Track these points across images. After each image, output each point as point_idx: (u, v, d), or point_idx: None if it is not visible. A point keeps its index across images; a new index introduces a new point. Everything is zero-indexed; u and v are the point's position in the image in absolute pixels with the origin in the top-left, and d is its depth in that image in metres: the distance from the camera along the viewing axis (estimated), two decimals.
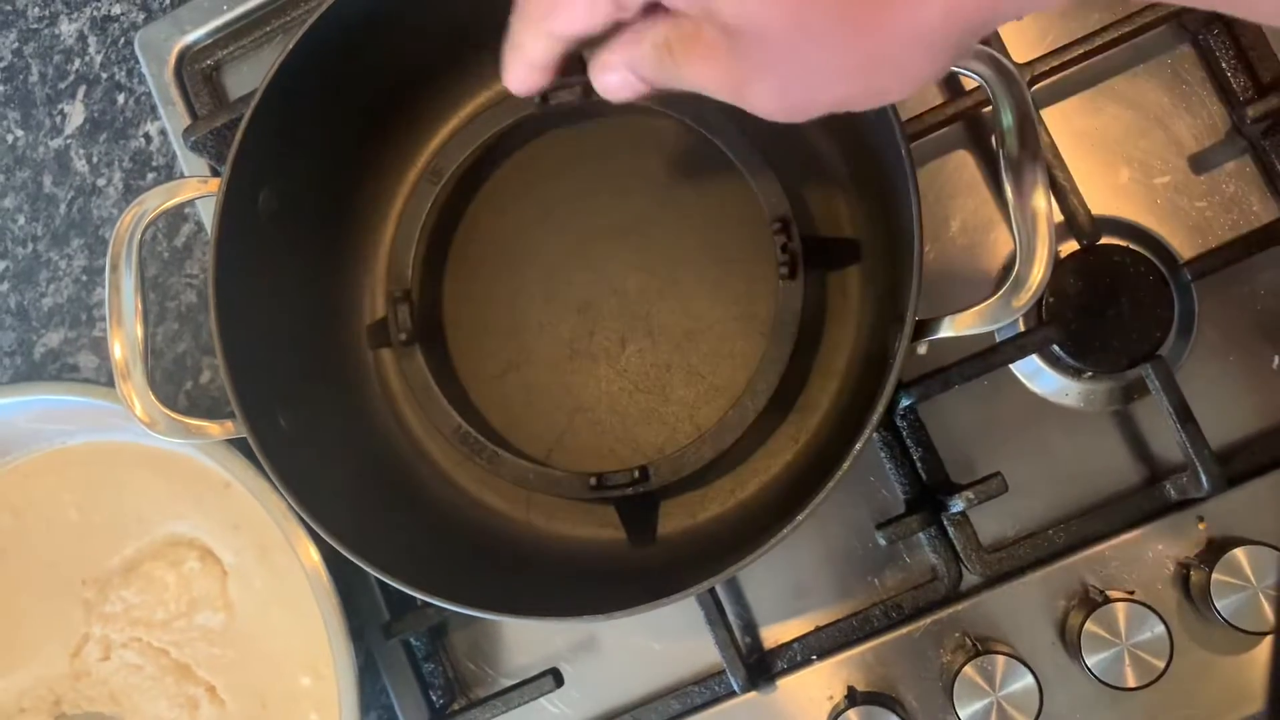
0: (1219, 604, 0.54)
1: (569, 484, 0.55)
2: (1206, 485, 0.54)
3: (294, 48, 0.51)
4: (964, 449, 0.60)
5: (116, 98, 0.70)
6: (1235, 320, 0.59)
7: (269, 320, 0.54)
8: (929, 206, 0.61)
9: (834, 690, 0.59)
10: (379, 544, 0.51)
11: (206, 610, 0.61)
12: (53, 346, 0.70)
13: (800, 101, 0.36)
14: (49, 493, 0.64)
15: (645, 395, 0.58)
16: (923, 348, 0.46)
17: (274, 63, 0.51)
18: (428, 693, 0.62)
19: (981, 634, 0.58)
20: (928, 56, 0.33)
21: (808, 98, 0.36)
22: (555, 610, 0.49)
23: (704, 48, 0.35)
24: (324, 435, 0.55)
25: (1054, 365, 0.59)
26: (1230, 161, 0.59)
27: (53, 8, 0.72)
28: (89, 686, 0.62)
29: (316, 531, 0.49)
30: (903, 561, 0.60)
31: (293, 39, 0.51)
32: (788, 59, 0.34)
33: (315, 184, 0.57)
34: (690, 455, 0.54)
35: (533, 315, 0.60)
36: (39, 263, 0.70)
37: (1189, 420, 0.55)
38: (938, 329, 0.46)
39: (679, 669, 0.61)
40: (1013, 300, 0.45)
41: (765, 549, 0.46)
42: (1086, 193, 0.58)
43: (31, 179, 0.71)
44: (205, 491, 0.62)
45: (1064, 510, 0.59)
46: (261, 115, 0.52)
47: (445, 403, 0.56)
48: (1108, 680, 0.54)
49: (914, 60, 0.33)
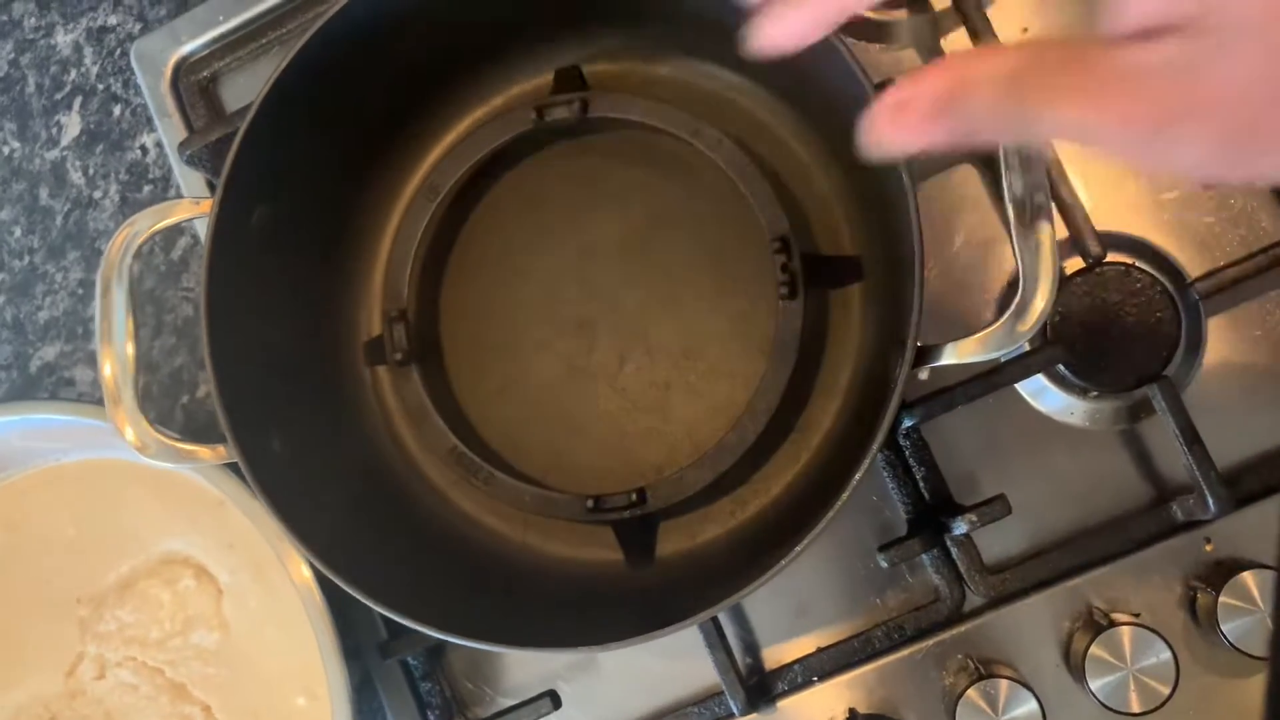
0: (1225, 628, 0.53)
1: (566, 506, 0.55)
2: (1213, 508, 0.54)
3: (287, 65, 0.50)
4: (968, 467, 0.59)
5: (113, 109, 0.70)
6: (1244, 339, 0.58)
7: (263, 341, 0.54)
8: (932, 221, 0.60)
9: (835, 712, 0.58)
10: (373, 570, 0.51)
11: (201, 629, 0.61)
12: (49, 360, 0.69)
13: (1240, 158, 0.29)
14: (44, 510, 0.63)
15: (644, 414, 0.58)
16: (924, 374, 0.45)
17: (267, 81, 0.51)
18: (425, 712, 0.61)
19: (985, 656, 0.57)
20: None
21: (1253, 155, 0.29)
22: (552, 640, 0.48)
23: (1115, 76, 0.29)
24: (318, 457, 0.54)
25: (1059, 384, 0.58)
26: None
27: (49, 18, 0.71)
28: (84, 705, 0.62)
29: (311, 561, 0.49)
30: (905, 582, 0.59)
31: (286, 57, 0.50)
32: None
33: (310, 201, 0.57)
34: (689, 477, 0.54)
35: (530, 333, 0.59)
36: (35, 275, 0.70)
37: (1195, 441, 0.54)
38: (939, 356, 0.45)
39: (678, 689, 0.61)
40: (1016, 327, 0.44)
41: (765, 579, 0.45)
42: (1092, 208, 0.57)
43: (28, 191, 0.70)
44: (200, 510, 0.61)
45: (1069, 531, 0.58)
46: (255, 133, 0.51)
47: (441, 423, 0.55)
48: (1112, 705, 0.53)
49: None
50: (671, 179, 0.58)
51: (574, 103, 0.56)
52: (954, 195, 0.60)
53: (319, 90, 0.53)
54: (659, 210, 0.58)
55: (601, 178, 0.59)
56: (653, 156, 0.58)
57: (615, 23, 0.58)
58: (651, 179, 0.58)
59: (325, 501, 0.53)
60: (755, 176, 0.54)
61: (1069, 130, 0.30)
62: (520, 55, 0.59)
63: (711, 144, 0.54)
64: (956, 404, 0.56)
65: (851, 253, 0.57)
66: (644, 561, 0.56)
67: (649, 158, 0.58)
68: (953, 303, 0.59)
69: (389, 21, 0.53)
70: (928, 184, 0.60)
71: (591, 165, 0.59)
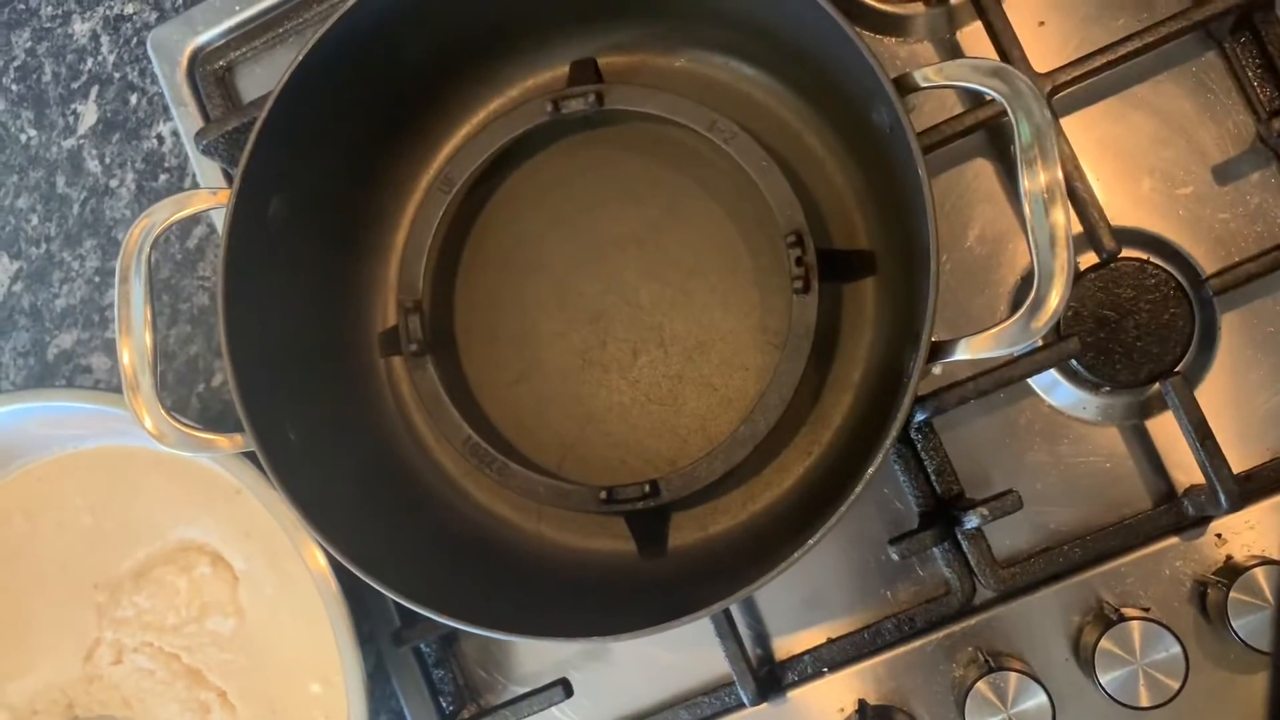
0: (1236, 623, 0.53)
1: (579, 497, 0.55)
2: (1225, 504, 0.54)
3: (304, 58, 0.51)
4: (980, 462, 0.59)
5: (129, 98, 0.70)
6: (1259, 335, 0.58)
7: (279, 331, 0.54)
8: (947, 215, 0.60)
9: (845, 703, 0.59)
10: (387, 558, 0.51)
11: (217, 615, 0.62)
12: (66, 347, 0.70)
13: None
14: (62, 497, 0.64)
15: (657, 406, 0.58)
16: (937, 369, 0.46)
17: (285, 73, 0.51)
18: (438, 699, 0.62)
19: (994, 649, 0.58)
20: None
21: None
22: (564, 630, 0.49)
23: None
24: (333, 447, 0.55)
25: (1072, 379, 0.58)
26: (1255, 172, 0.58)
27: (65, 6, 0.72)
28: (101, 690, 0.62)
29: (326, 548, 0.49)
30: (916, 575, 0.60)
31: (304, 49, 0.51)
32: None
33: (326, 193, 0.57)
34: (702, 470, 0.54)
35: (544, 324, 0.59)
36: (52, 263, 0.70)
37: (1208, 438, 0.54)
38: (953, 351, 0.45)
39: (689, 679, 0.61)
40: (1031, 323, 0.44)
41: (778, 571, 0.46)
42: (1107, 203, 0.57)
43: (45, 179, 0.71)
44: (216, 497, 0.62)
45: (1080, 525, 0.58)
46: (272, 125, 0.51)
47: (455, 414, 0.55)
48: (1121, 699, 0.54)
49: None
50: (686, 172, 0.58)
51: (589, 95, 0.56)
52: (969, 189, 0.60)
53: (336, 82, 0.54)
54: (673, 203, 0.58)
55: (616, 170, 0.59)
56: (668, 149, 0.58)
57: (631, 15, 0.58)
58: (666, 172, 0.58)
59: (340, 490, 0.53)
60: (770, 170, 0.54)
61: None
62: (536, 47, 0.60)
63: (726, 137, 0.54)
64: (969, 399, 0.56)
65: (866, 247, 0.57)
66: (656, 552, 0.57)
67: (664, 150, 0.58)
68: (966, 297, 0.59)
69: (406, 14, 0.54)
70: (943, 178, 0.60)
71: (607, 157, 0.59)
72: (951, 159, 0.60)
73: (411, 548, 0.54)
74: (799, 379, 0.53)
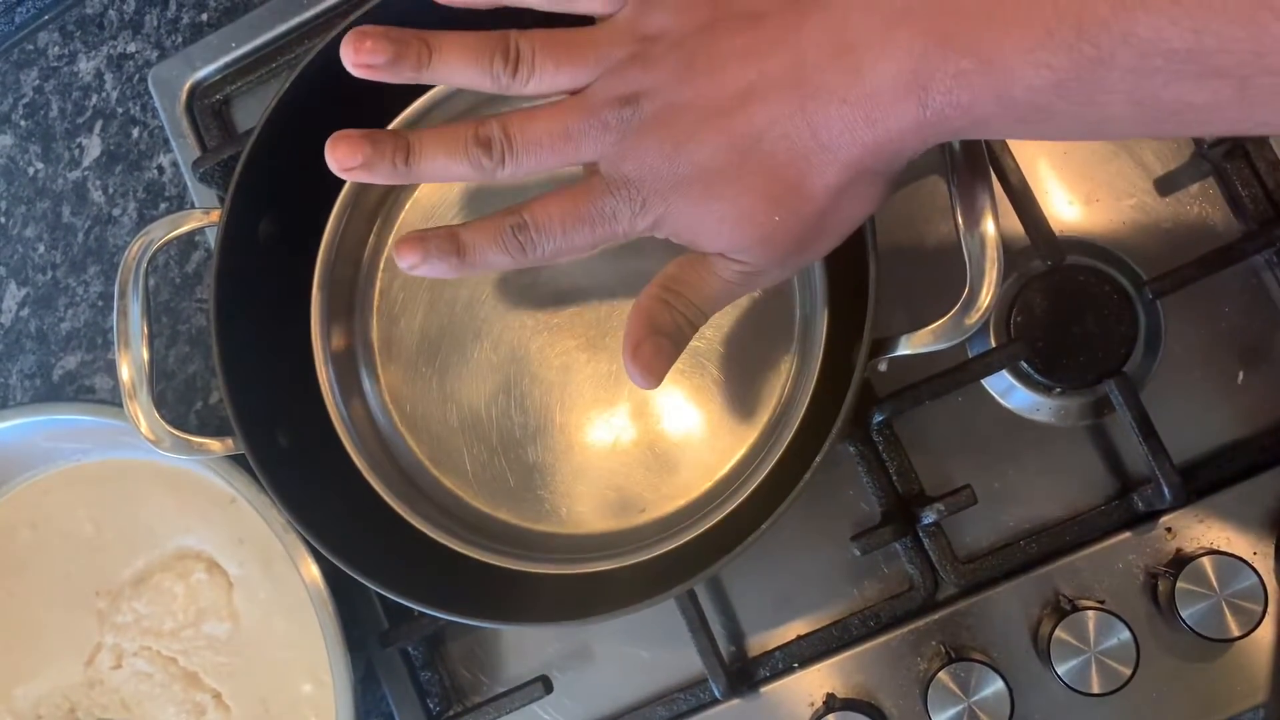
0: (1184, 613, 0.56)
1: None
2: (1169, 497, 0.56)
3: (286, 91, 0.54)
4: (941, 464, 0.62)
5: (131, 131, 0.74)
6: (1201, 337, 0.60)
7: (269, 341, 0.57)
8: (905, 228, 0.63)
9: (815, 697, 0.61)
10: (374, 555, 0.54)
11: (213, 620, 0.64)
12: (70, 369, 0.73)
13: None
14: (65, 508, 0.67)
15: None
16: (883, 365, 0.48)
17: (268, 104, 0.54)
18: (425, 700, 0.64)
19: (958, 642, 0.60)
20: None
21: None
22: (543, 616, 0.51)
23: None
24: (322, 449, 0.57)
25: (1025, 382, 0.61)
26: (1194, 184, 0.61)
27: (72, 46, 0.75)
28: (102, 694, 0.65)
29: (313, 545, 0.52)
30: (881, 572, 0.62)
31: (286, 81, 0.54)
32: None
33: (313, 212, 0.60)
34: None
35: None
36: (58, 289, 0.74)
37: (1151, 434, 0.56)
38: (895, 347, 0.48)
39: (666, 677, 0.63)
40: (964, 319, 0.47)
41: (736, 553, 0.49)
42: (1053, 214, 0.60)
43: (51, 209, 0.74)
44: (212, 506, 0.64)
45: (1038, 522, 0.61)
46: (259, 150, 0.55)
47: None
48: (1076, 686, 0.56)
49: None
50: None
51: None
52: (924, 204, 0.63)
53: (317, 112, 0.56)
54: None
55: None
56: None
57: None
58: None
59: (328, 492, 0.55)
60: None
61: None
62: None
63: None
64: (924, 399, 0.58)
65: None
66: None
67: None
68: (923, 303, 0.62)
69: None
70: (899, 194, 0.63)
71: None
72: (912, 174, 0.63)
73: (396, 544, 0.56)
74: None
